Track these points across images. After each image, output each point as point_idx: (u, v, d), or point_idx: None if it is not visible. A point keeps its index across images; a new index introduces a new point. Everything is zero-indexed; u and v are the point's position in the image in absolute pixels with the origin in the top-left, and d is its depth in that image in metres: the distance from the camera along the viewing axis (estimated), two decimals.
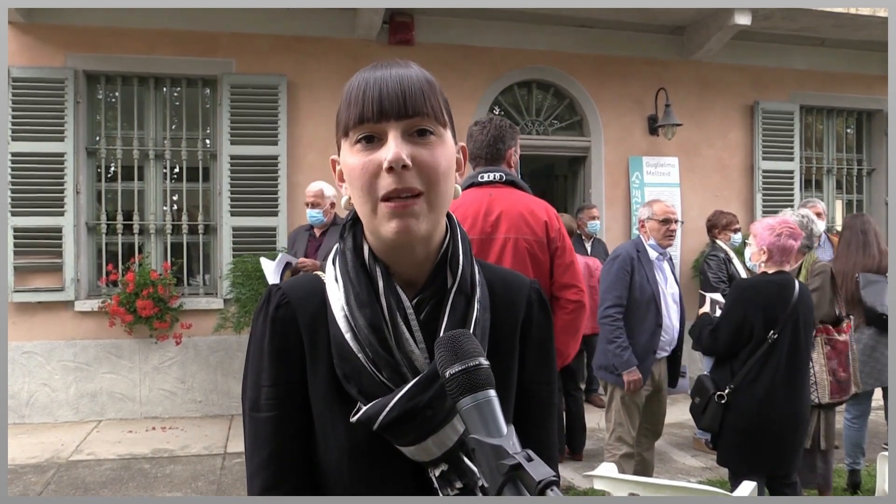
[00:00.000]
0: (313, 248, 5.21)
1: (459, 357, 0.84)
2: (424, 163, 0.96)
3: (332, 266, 1.05)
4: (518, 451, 0.76)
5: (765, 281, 3.46)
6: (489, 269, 1.14)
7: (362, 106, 0.95)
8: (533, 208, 3.04)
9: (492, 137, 3.11)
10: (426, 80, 0.99)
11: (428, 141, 0.97)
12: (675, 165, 7.58)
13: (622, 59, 7.45)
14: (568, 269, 3.04)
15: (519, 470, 0.74)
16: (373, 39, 6.76)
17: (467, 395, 0.82)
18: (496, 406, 0.82)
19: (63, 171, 6.19)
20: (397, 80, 0.96)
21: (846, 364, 3.86)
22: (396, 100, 0.95)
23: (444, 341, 0.86)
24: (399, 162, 0.93)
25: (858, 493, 4.49)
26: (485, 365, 0.84)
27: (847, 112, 8.43)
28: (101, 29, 6.33)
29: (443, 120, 0.99)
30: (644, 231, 4.18)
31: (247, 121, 6.52)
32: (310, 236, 5.31)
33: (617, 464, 3.77)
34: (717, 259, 5.60)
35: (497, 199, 3.01)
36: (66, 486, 4.70)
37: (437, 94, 0.99)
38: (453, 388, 0.82)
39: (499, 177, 3.07)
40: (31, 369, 6.19)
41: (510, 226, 2.96)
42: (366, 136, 0.96)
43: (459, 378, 0.82)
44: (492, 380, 0.83)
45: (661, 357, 4.14)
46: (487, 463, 0.77)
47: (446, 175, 0.99)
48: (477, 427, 0.80)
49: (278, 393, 1.03)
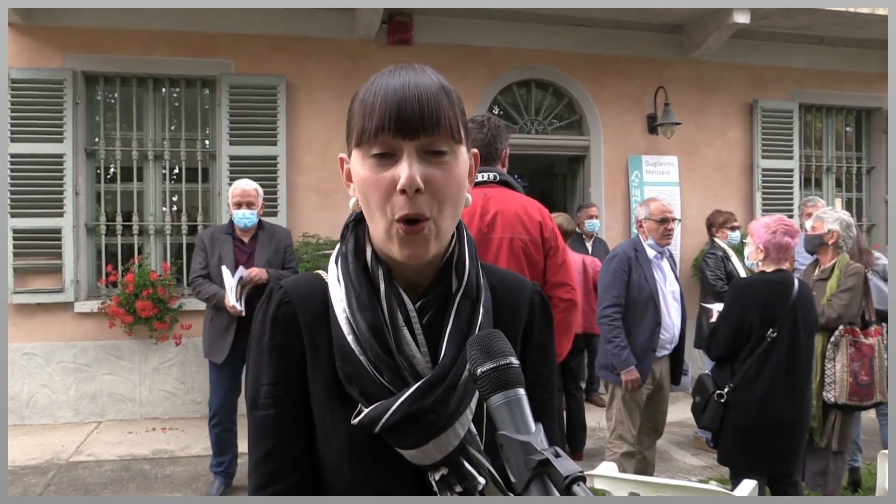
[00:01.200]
0: (242, 256, 4.51)
1: (491, 356, 0.85)
2: (438, 186, 0.95)
3: (335, 266, 1.05)
4: (546, 447, 0.78)
5: (763, 279, 3.46)
6: (491, 270, 1.15)
7: (378, 119, 0.94)
8: (527, 208, 3.05)
9: (491, 137, 3.11)
10: (444, 92, 0.97)
11: (443, 161, 0.96)
12: (675, 164, 7.58)
13: (621, 58, 7.45)
14: (560, 268, 3.06)
15: (547, 465, 0.76)
16: (371, 39, 6.76)
17: (498, 392, 0.83)
18: (525, 404, 0.84)
19: (62, 173, 6.19)
20: (416, 97, 0.94)
21: (869, 368, 3.81)
22: (414, 116, 0.93)
23: (477, 340, 0.88)
24: (413, 186, 0.92)
25: (859, 491, 4.49)
26: (515, 364, 0.85)
27: (846, 110, 8.43)
28: (99, 30, 6.33)
29: (459, 137, 0.98)
30: (642, 230, 4.18)
31: (246, 121, 6.51)
32: (235, 241, 4.54)
33: (618, 462, 3.77)
34: (715, 257, 5.61)
35: (493, 199, 3.02)
36: (67, 487, 4.70)
37: (454, 108, 0.98)
38: (484, 386, 0.84)
39: (493, 177, 3.08)
40: (31, 371, 6.18)
41: (506, 225, 2.97)
42: (381, 152, 0.95)
43: (491, 376, 0.84)
44: (521, 378, 0.85)
45: (663, 355, 4.14)
46: (515, 459, 0.79)
47: (458, 196, 0.99)
48: (506, 424, 0.82)
49: (276, 391, 1.03)
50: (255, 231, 4.60)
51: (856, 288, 3.88)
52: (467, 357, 0.87)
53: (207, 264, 4.52)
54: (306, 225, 6.50)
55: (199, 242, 4.62)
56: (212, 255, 4.50)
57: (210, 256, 4.51)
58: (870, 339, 3.85)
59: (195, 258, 4.61)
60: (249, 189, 4.54)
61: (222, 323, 4.42)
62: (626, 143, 7.49)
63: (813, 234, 4.13)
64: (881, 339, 3.94)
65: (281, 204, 6.52)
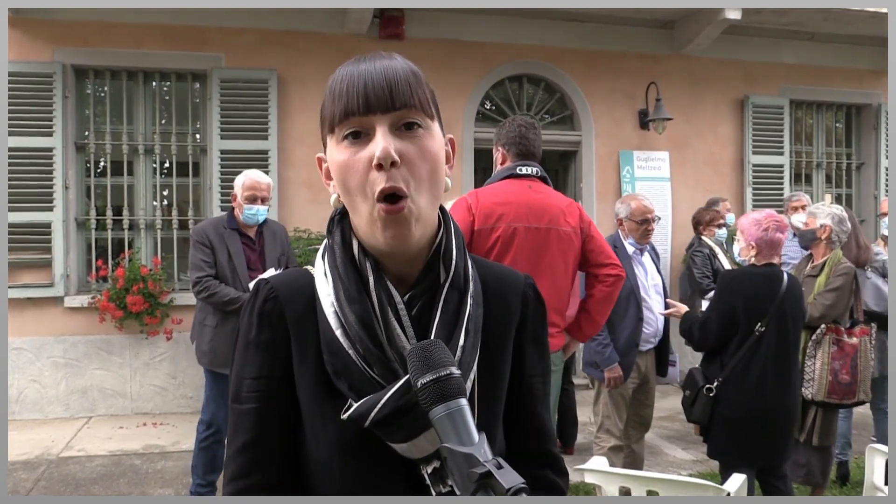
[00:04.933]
0: (252, 254, 4.08)
1: (431, 367, 0.85)
2: (412, 159, 0.95)
3: (322, 261, 1.05)
4: (489, 458, 0.78)
5: (751, 272, 3.48)
6: (482, 264, 1.14)
7: (347, 100, 0.94)
8: (568, 201, 3.28)
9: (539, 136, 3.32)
10: (411, 71, 0.97)
11: (416, 134, 0.96)
12: (666, 160, 7.60)
13: (613, 54, 7.46)
14: (601, 251, 3.29)
15: (489, 478, 0.76)
16: (363, 34, 6.74)
17: (439, 403, 0.83)
18: (468, 415, 0.83)
19: (52, 166, 6.16)
20: (382, 73, 0.95)
21: (851, 368, 3.81)
22: (382, 92, 0.94)
23: (415, 351, 0.87)
24: (388, 158, 0.92)
25: (847, 485, 4.52)
26: (456, 374, 0.85)
27: (836, 106, 8.46)
28: (89, 23, 6.29)
29: (430, 112, 0.99)
30: (622, 228, 4.21)
31: (237, 115, 6.49)
32: (242, 238, 4.09)
33: (606, 456, 3.78)
34: (702, 255, 5.63)
35: (537, 191, 3.19)
36: (57, 482, 4.68)
37: (423, 86, 0.98)
38: (425, 398, 0.84)
39: (536, 171, 3.24)
40: (21, 366, 6.16)
41: (552, 217, 3.15)
42: (352, 131, 0.95)
43: (431, 388, 0.84)
44: (463, 389, 0.85)
45: (647, 349, 4.18)
46: (459, 471, 0.79)
47: (435, 169, 0.98)
48: (449, 436, 0.82)
49: (260, 386, 1.03)
50: (258, 227, 4.16)
51: (842, 288, 3.89)
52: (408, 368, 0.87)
53: (215, 262, 3.98)
54: (298, 220, 6.48)
55: (201, 237, 4.02)
56: (220, 252, 3.98)
57: (218, 253, 3.98)
58: (853, 339, 3.85)
59: (197, 254, 4.01)
60: (263, 182, 4.09)
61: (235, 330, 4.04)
62: (618, 139, 7.50)
63: (806, 230, 4.15)
64: (868, 339, 3.94)
65: (272, 198, 6.48)
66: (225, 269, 3.97)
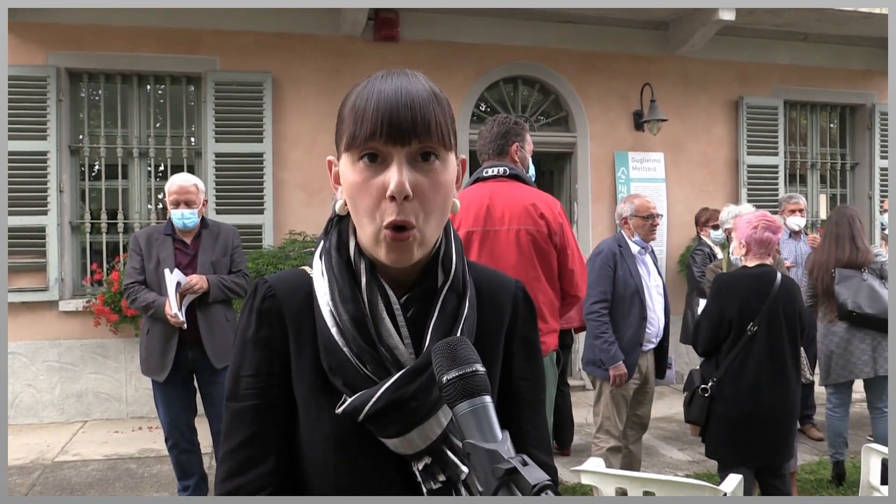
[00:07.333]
0: (184, 258, 4.02)
1: (456, 363, 0.85)
2: (426, 194, 0.96)
3: (319, 261, 1.06)
4: (513, 455, 0.78)
5: (742, 274, 3.51)
6: (475, 268, 1.16)
7: (370, 126, 0.94)
8: (535, 201, 3.08)
9: (496, 134, 3.22)
10: (436, 99, 0.98)
11: (432, 167, 0.97)
12: (661, 161, 7.61)
13: (607, 55, 7.47)
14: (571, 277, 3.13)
15: (514, 474, 0.76)
16: (357, 36, 6.73)
17: (464, 400, 0.83)
18: (492, 411, 0.84)
19: (46, 170, 6.14)
20: (408, 103, 0.95)
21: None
22: (405, 124, 0.94)
23: (441, 348, 0.88)
24: (402, 193, 0.93)
25: (843, 484, 4.53)
26: (481, 371, 0.86)
27: (830, 107, 8.49)
28: (83, 27, 6.28)
29: (448, 144, 0.99)
30: (627, 227, 4.21)
31: (231, 118, 6.48)
32: (175, 243, 4.03)
33: (604, 457, 3.79)
34: (702, 254, 5.69)
35: (499, 193, 3.09)
36: (52, 487, 4.66)
37: (445, 115, 0.98)
38: (450, 394, 0.84)
39: (502, 171, 3.15)
40: (16, 370, 6.14)
41: (513, 217, 3.03)
42: (370, 153, 0.96)
43: (456, 384, 0.84)
44: (488, 386, 0.86)
45: (648, 349, 4.18)
46: (482, 467, 0.79)
47: (445, 203, 1.01)
48: (472, 432, 0.82)
49: (258, 383, 1.04)
50: (199, 231, 4.09)
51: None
52: (433, 364, 0.88)
53: (144, 269, 3.99)
54: (293, 222, 6.47)
55: (134, 244, 4.08)
56: (148, 259, 3.99)
57: (147, 260, 3.99)
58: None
59: (129, 261, 4.10)
60: (187, 185, 4.00)
61: (162, 335, 3.90)
62: (613, 140, 7.51)
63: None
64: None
65: (267, 201, 6.49)
66: (152, 275, 3.97)
